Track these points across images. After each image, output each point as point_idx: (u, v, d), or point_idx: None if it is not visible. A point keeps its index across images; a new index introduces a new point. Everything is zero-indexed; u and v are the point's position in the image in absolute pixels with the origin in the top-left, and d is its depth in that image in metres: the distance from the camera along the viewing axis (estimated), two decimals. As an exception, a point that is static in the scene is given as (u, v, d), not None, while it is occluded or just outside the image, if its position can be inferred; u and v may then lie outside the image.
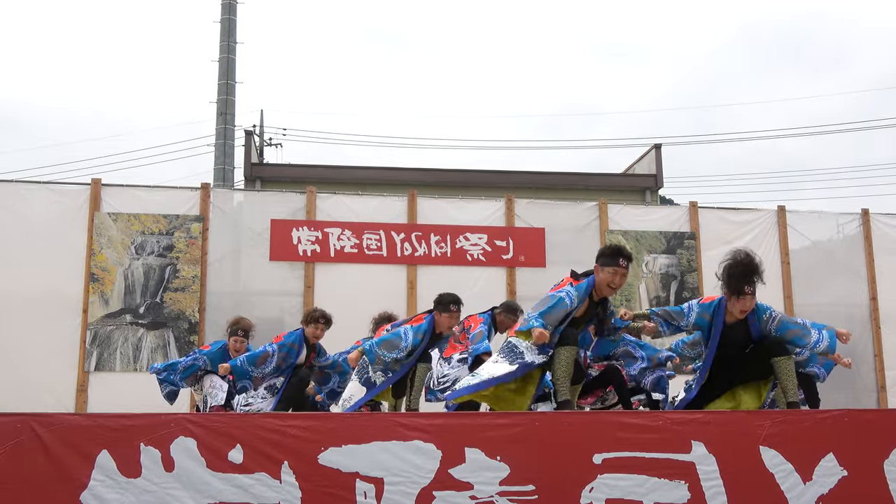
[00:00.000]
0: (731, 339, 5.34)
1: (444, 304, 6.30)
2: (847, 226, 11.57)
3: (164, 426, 4.39)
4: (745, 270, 5.23)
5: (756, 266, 5.27)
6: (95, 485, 4.28)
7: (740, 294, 5.19)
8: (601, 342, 6.63)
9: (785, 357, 5.25)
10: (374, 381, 6.30)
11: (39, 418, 4.44)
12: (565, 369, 5.18)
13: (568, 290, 5.23)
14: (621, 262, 5.20)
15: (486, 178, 15.54)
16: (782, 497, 4.50)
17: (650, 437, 4.54)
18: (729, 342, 5.34)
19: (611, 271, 5.19)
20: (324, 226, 10.35)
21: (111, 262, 9.87)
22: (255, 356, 6.92)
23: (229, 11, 17.95)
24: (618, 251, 5.25)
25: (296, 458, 4.37)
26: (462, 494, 4.35)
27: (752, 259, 5.30)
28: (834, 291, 11.16)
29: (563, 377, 5.19)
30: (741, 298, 5.20)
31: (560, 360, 5.18)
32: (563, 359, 5.17)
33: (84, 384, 9.51)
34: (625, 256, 5.24)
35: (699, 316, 5.36)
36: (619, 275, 5.20)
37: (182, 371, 7.51)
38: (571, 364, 5.20)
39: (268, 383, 7.00)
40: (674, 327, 5.51)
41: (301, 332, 7.09)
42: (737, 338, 5.34)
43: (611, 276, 5.20)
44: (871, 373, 10.95)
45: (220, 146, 17.38)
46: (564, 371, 5.18)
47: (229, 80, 17.65)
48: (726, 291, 5.30)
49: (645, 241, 10.98)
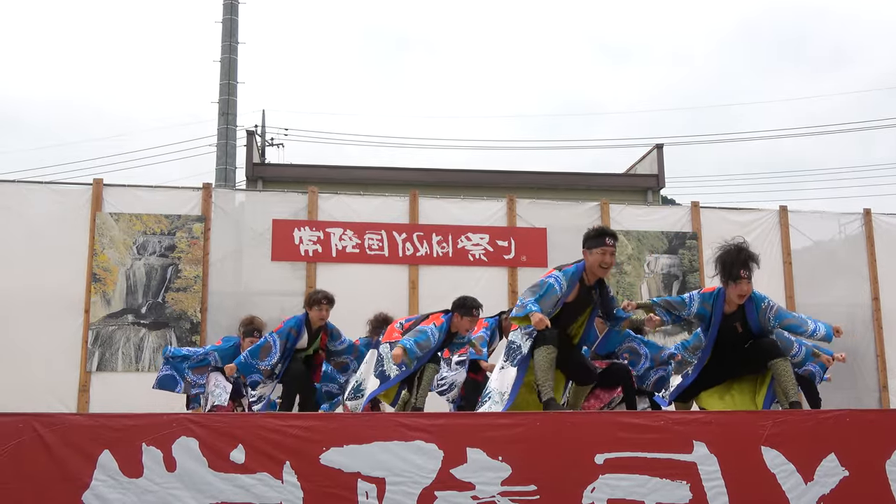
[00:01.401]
0: (730, 328, 5.38)
1: (466, 307, 6.33)
2: (849, 226, 11.55)
3: (166, 426, 4.40)
4: (738, 256, 5.31)
5: (749, 251, 5.36)
6: (97, 485, 4.29)
7: (737, 279, 5.26)
8: (607, 339, 6.61)
9: (781, 359, 5.32)
10: (389, 375, 6.33)
11: (41, 418, 4.45)
12: (545, 369, 5.20)
13: (556, 275, 5.29)
14: (608, 241, 5.27)
15: (488, 178, 15.54)
16: (784, 497, 4.50)
17: (652, 437, 4.54)
18: (727, 331, 5.39)
19: (599, 252, 5.25)
20: (325, 226, 10.35)
21: (113, 262, 9.87)
22: (257, 349, 6.92)
23: (231, 11, 17.96)
24: (602, 231, 5.34)
25: (297, 458, 4.37)
26: (464, 494, 4.36)
27: (745, 246, 5.39)
28: (836, 291, 11.13)
29: (543, 377, 5.20)
30: (738, 283, 5.26)
31: (539, 361, 5.22)
32: (542, 359, 5.21)
33: (86, 384, 9.51)
34: (610, 235, 5.32)
35: (700, 305, 5.42)
36: (609, 253, 5.25)
37: (193, 362, 7.55)
38: (550, 363, 5.21)
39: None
40: (675, 317, 5.56)
41: (303, 316, 7.02)
42: (735, 327, 5.38)
43: (600, 257, 5.25)
44: (872, 373, 10.93)
45: (222, 146, 17.39)
46: (544, 371, 5.20)
47: (231, 80, 17.66)
48: (723, 279, 5.36)
49: (647, 241, 10.98)
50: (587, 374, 5.64)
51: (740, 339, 5.42)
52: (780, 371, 5.30)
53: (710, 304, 5.42)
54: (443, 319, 6.36)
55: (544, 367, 5.20)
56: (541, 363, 5.22)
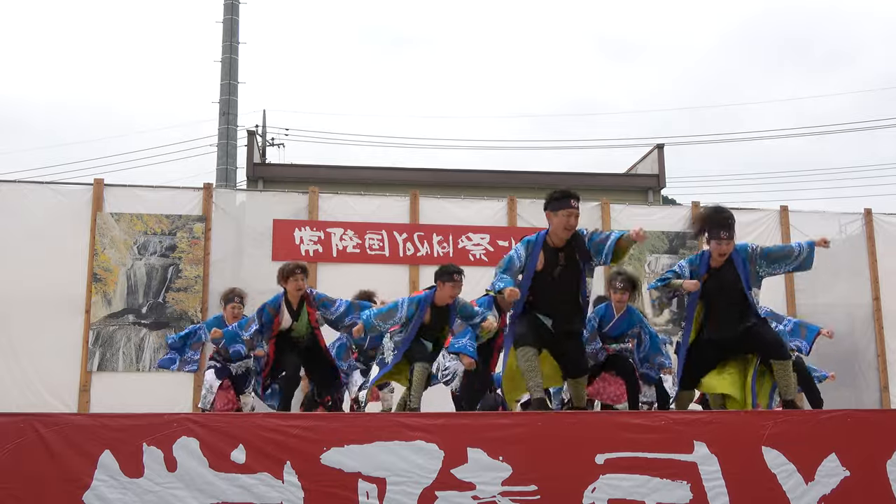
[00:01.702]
0: (721, 282, 5.48)
1: (447, 273, 6.23)
2: (850, 226, 11.54)
3: (167, 426, 4.40)
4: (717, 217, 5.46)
5: (727, 212, 5.51)
6: (98, 485, 4.29)
7: (717, 240, 5.40)
8: (619, 322, 6.67)
9: (782, 361, 5.40)
10: (386, 361, 6.36)
11: (42, 418, 4.45)
12: (528, 370, 5.26)
13: (516, 246, 5.45)
14: (573, 203, 5.31)
15: (489, 177, 15.53)
16: (784, 497, 4.50)
17: (652, 437, 4.55)
18: (721, 285, 5.48)
19: (564, 213, 5.28)
20: (326, 226, 10.35)
21: (114, 262, 9.88)
22: (244, 321, 7.04)
23: (232, 11, 17.96)
24: (566, 193, 5.38)
25: (298, 458, 4.38)
26: (464, 494, 4.36)
27: (723, 207, 5.57)
28: (837, 291, 11.12)
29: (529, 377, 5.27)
30: (719, 244, 5.41)
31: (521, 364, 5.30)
32: (522, 361, 5.27)
33: (87, 384, 9.51)
34: (574, 197, 5.37)
35: (689, 269, 5.59)
36: (573, 216, 5.29)
37: (190, 339, 7.74)
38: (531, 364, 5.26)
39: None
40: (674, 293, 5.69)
41: (281, 294, 6.83)
42: (727, 281, 5.48)
43: (565, 219, 5.28)
44: (873, 373, 10.92)
45: (223, 146, 17.39)
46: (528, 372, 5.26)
47: (232, 80, 17.66)
48: (706, 239, 5.53)
49: (647, 241, 10.95)
50: (576, 367, 5.62)
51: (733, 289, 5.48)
52: (781, 373, 5.39)
53: (696, 264, 5.61)
54: (423, 292, 6.35)
55: (526, 368, 5.26)
56: (522, 366, 5.28)
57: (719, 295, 5.50)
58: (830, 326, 7.26)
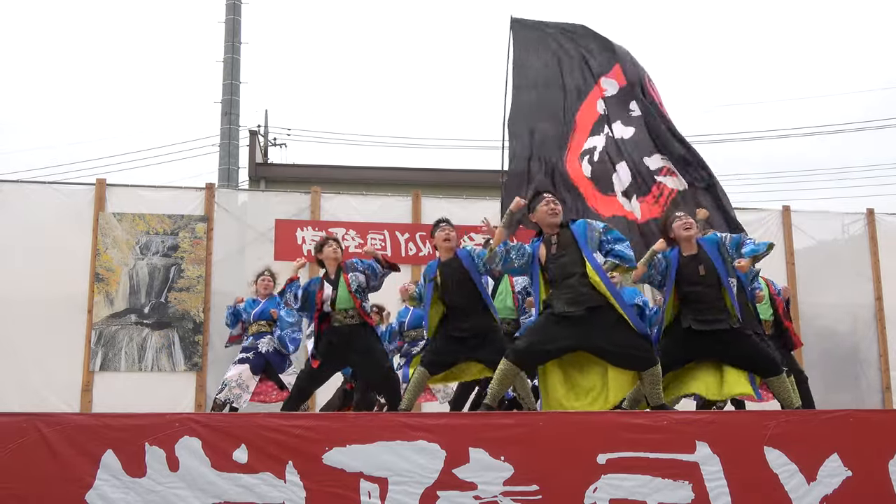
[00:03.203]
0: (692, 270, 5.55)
1: (434, 226, 6.29)
2: (852, 226, 11.53)
3: (169, 426, 4.41)
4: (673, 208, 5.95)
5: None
6: (101, 484, 4.30)
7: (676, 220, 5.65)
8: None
9: (778, 377, 5.50)
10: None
11: (44, 418, 4.46)
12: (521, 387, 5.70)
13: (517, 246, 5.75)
14: (545, 195, 5.62)
15: (491, 178, 15.49)
16: (786, 497, 4.50)
17: (654, 437, 4.54)
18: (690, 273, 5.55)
19: (543, 204, 5.54)
20: (328, 226, 10.34)
21: (116, 262, 9.88)
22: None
23: (234, 12, 17.94)
24: (536, 192, 5.87)
25: (300, 458, 4.38)
26: (466, 494, 4.36)
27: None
28: (839, 291, 11.12)
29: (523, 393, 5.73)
30: (676, 221, 5.64)
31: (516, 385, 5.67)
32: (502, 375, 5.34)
33: (89, 384, 9.52)
34: (545, 191, 5.81)
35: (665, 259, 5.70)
36: (550, 202, 5.53)
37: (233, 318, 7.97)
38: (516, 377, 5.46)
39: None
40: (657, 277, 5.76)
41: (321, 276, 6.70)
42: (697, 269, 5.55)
43: (545, 207, 5.52)
44: (875, 373, 10.92)
45: (225, 146, 17.37)
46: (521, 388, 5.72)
47: (234, 80, 17.63)
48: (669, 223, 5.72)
49: (649, 241, 10.96)
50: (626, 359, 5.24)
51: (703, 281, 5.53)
52: (777, 387, 5.52)
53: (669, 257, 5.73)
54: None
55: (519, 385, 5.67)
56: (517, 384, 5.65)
57: (694, 282, 5.54)
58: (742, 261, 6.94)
